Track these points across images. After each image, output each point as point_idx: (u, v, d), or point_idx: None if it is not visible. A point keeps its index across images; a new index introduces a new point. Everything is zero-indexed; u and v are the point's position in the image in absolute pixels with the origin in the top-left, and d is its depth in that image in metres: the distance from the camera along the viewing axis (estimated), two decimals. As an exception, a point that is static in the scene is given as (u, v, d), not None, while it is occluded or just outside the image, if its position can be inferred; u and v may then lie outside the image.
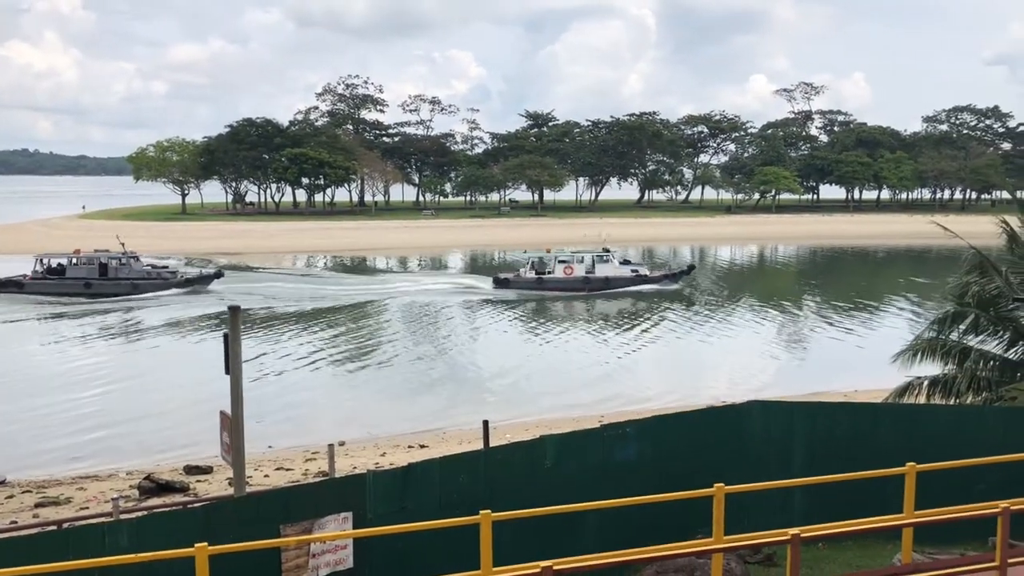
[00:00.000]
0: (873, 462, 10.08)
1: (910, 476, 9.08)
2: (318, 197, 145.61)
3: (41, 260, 58.81)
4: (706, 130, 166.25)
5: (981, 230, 23.60)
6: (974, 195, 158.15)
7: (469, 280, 66.41)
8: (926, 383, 18.95)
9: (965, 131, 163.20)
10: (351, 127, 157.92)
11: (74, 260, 58.57)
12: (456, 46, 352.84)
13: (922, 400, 18.73)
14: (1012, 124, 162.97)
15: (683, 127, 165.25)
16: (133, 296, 56.58)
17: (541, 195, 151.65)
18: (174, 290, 58.13)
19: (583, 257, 61.92)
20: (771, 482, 10.01)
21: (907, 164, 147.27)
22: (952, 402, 18.24)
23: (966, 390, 18.30)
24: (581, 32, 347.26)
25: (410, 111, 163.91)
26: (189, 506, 13.93)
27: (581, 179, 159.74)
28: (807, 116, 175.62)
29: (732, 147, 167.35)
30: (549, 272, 60.61)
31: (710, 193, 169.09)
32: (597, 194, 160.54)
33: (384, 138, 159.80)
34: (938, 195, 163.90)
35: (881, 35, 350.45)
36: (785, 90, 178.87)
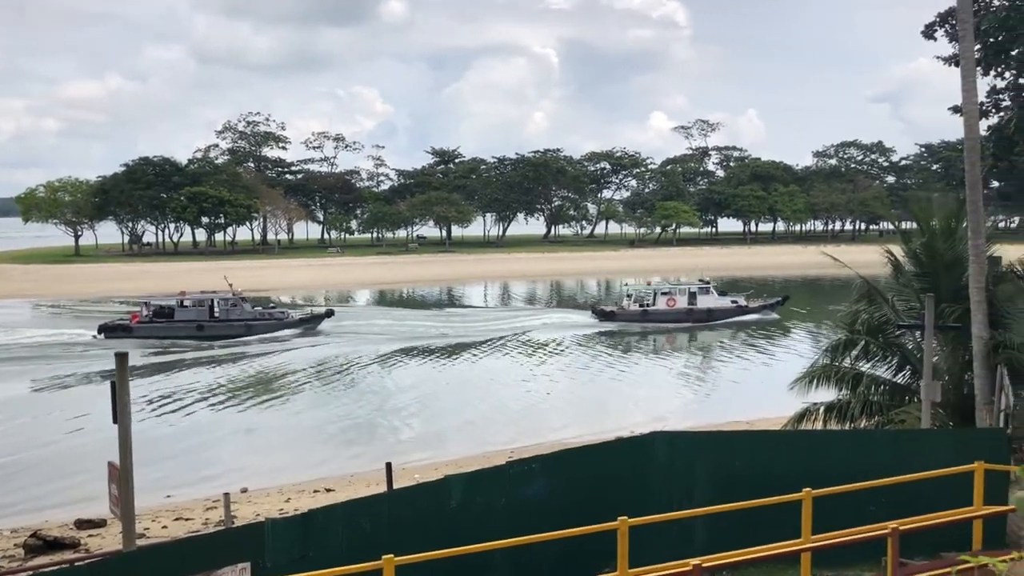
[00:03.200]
0: (774, 489, 10.26)
1: (807, 501, 9.29)
2: (219, 236, 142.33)
3: (147, 303, 57.33)
4: (608, 166, 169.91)
5: (869, 260, 24.71)
6: (863, 226, 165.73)
7: (568, 315, 67.06)
8: (822, 409, 19.59)
9: (853, 165, 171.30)
10: (253, 165, 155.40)
11: (183, 302, 57.04)
12: (361, 83, 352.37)
13: (819, 425, 19.32)
14: (895, 158, 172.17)
15: (586, 163, 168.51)
16: (247, 337, 54.80)
17: (449, 231, 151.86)
18: (287, 331, 56.82)
19: (684, 289, 63.11)
20: (675, 513, 10.10)
21: (800, 197, 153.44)
22: (847, 426, 18.89)
23: (859, 414, 18.99)
24: (485, 70, 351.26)
25: (314, 148, 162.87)
26: (76, 564, 13.18)
27: (488, 215, 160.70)
28: (704, 152, 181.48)
29: (634, 183, 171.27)
30: (649, 304, 61.60)
31: (614, 227, 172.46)
32: (505, 229, 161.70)
33: (287, 175, 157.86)
34: (830, 226, 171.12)
35: (773, 74, 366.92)
36: (683, 127, 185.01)
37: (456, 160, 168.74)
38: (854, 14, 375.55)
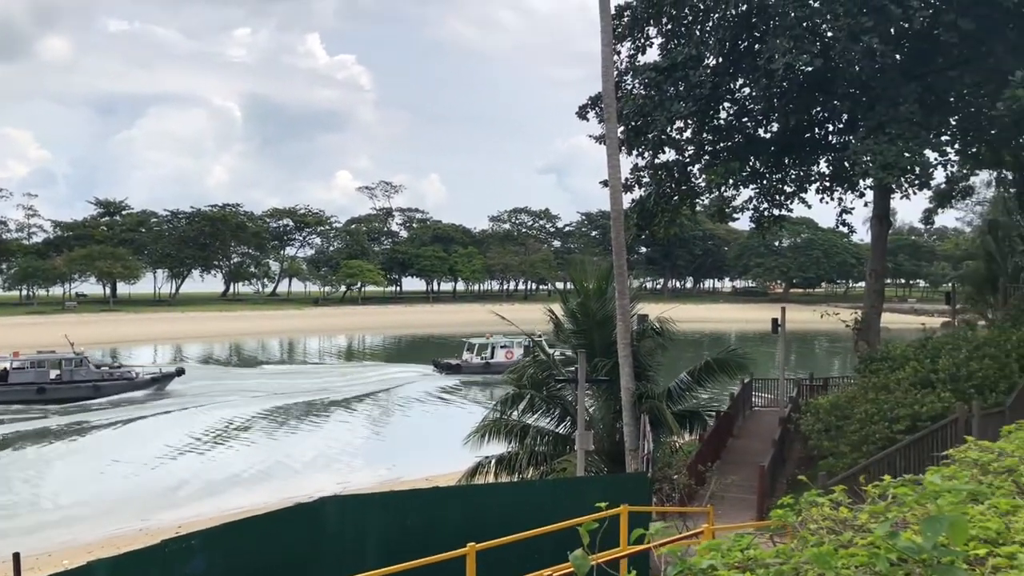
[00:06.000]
0: (444, 545, 10.41)
1: (470, 556, 9.52)
2: None
3: None
4: (292, 223, 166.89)
5: (537, 317, 26.50)
6: (534, 286, 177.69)
7: (408, 369, 68.71)
8: (493, 462, 20.44)
9: (524, 230, 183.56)
10: None
11: (15, 364, 51.50)
12: (12, 124, 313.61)
13: (491, 478, 20.11)
14: (560, 224, 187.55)
15: (269, 220, 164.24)
16: (95, 400, 50.44)
17: (114, 288, 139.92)
18: (140, 391, 53.13)
19: (520, 342, 64.97)
20: (343, 580, 9.88)
21: (478, 258, 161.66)
22: (516, 477, 19.84)
23: (527, 465, 20.08)
24: (161, 118, 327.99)
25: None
26: None
27: (160, 271, 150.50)
28: (388, 213, 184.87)
29: (318, 240, 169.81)
30: (488, 357, 64.47)
31: (298, 286, 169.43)
32: (178, 287, 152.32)
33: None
34: (505, 286, 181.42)
35: (454, 141, 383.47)
36: (367, 188, 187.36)
37: (124, 212, 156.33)
38: (527, 91, 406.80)
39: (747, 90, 26.24)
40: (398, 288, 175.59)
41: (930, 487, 2.90)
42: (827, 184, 28.66)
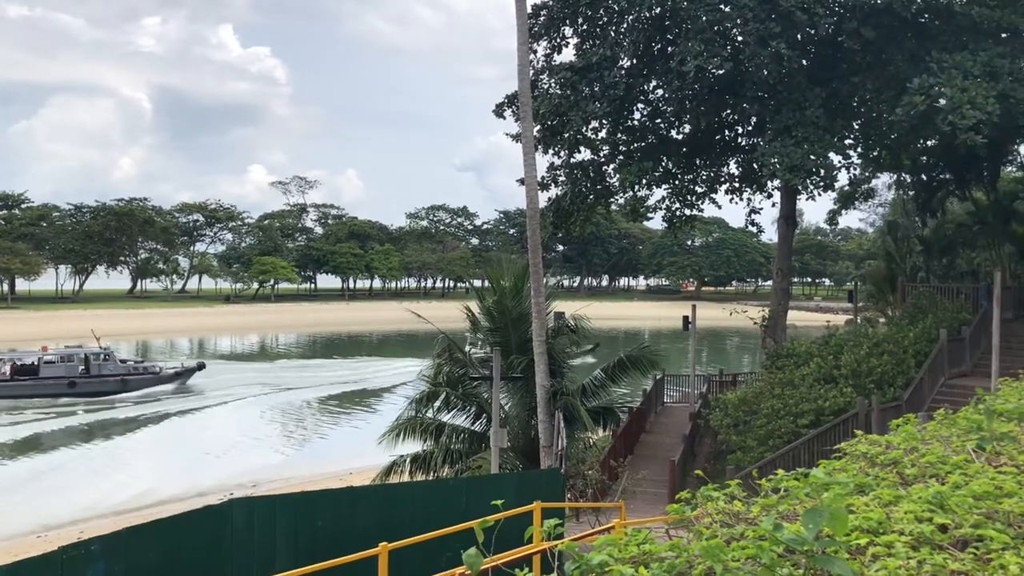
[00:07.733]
0: (356, 546, 10.28)
1: (383, 556, 9.44)
2: None
3: (2, 360, 52.67)
4: (202, 219, 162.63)
5: (454, 315, 26.44)
6: (452, 284, 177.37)
7: (423, 362, 68.58)
8: (408, 460, 20.31)
9: (442, 227, 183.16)
10: None
11: (46, 358, 52.61)
12: None
13: (406, 477, 19.98)
14: (478, 222, 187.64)
15: (178, 214, 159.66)
16: (124, 395, 51.90)
17: (12, 285, 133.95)
18: (165, 386, 54.41)
19: None
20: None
21: (395, 256, 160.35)
22: (431, 476, 19.77)
23: (442, 463, 20.02)
24: (65, 109, 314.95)
25: None
26: None
27: (63, 267, 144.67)
28: (303, 209, 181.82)
29: (230, 236, 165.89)
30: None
31: (208, 283, 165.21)
32: (82, 284, 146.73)
33: None
34: (423, 284, 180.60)
35: (373, 137, 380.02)
36: (281, 183, 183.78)
37: (23, 205, 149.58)
38: (446, 88, 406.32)
39: (660, 91, 26.72)
40: (313, 285, 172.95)
41: (814, 480, 3.00)
42: (736, 185, 29.43)
